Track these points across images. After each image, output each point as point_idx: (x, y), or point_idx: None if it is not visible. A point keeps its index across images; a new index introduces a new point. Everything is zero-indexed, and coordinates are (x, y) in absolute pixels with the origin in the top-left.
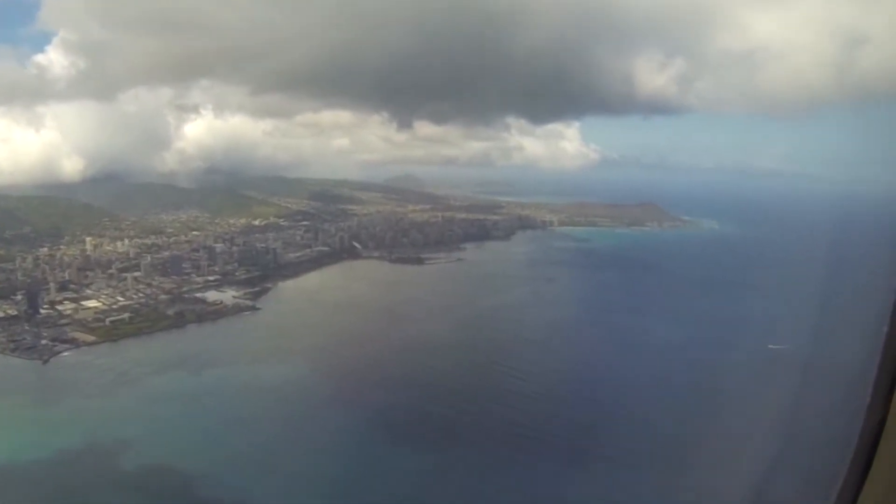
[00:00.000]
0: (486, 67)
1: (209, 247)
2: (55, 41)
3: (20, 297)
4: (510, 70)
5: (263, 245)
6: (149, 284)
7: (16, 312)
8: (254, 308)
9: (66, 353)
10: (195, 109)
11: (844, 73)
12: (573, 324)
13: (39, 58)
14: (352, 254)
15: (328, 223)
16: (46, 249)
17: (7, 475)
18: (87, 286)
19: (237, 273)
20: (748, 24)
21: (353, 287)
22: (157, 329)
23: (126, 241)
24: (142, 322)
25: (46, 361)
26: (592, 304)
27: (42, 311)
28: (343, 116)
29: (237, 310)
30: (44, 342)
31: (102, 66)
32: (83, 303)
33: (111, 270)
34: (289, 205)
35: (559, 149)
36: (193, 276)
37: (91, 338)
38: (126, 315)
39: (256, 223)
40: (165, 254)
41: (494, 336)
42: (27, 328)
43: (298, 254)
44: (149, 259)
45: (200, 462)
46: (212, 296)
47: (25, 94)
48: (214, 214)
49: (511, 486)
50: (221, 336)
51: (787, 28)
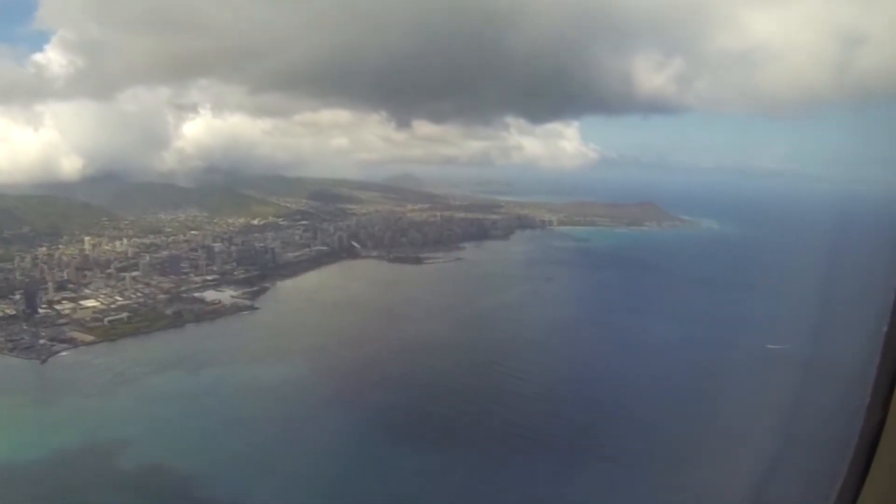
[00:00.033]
0: (486, 67)
1: (208, 246)
2: (54, 40)
3: (18, 297)
4: (509, 69)
5: (262, 244)
6: (147, 284)
7: (14, 312)
8: (252, 308)
9: (65, 353)
10: (194, 108)
11: (844, 73)
12: (572, 323)
13: (38, 57)
14: (350, 253)
15: (327, 222)
16: (45, 249)
17: (5, 475)
18: (86, 286)
19: (236, 272)
20: (747, 24)
21: (352, 286)
22: (156, 329)
23: (125, 241)
24: (140, 322)
25: (45, 361)
26: (591, 304)
27: (40, 311)
28: (342, 116)
29: (235, 309)
30: (42, 342)
31: (101, 66)
32: (81, 302)
33: (110, 270)
34: (288, 204)
35: (558, 148)
36: (192, 276)
37: (89, 337)
38: (124, 315)
39: (255, 222)
40: (164, 253)
41: (493, 336)
42: (25, 328)
43: (297, 253)
44: (147, 258)
45: (199, 462)
46: (210, 295)
47: (24, 94)
48: (213, 214)
49: (510, 486)
50: (220, 336)
51: (787, 27)
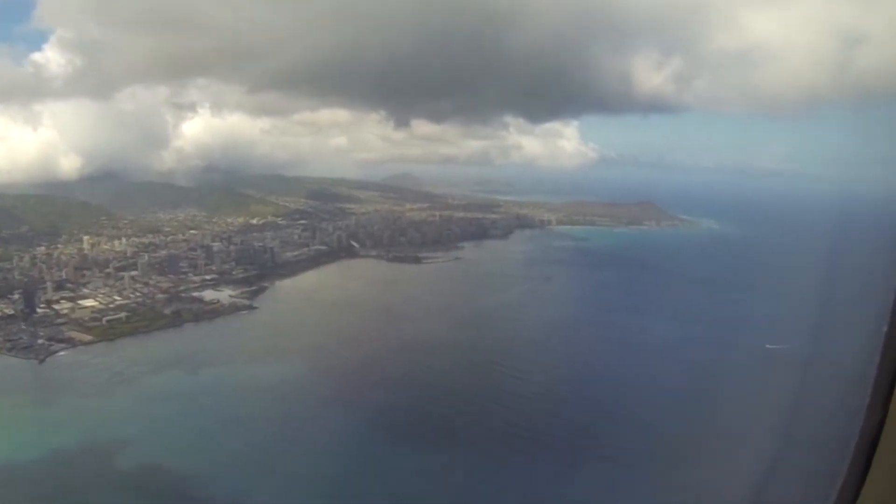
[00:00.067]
0: (485, 66)
1: (206, 246)
2: (52, 39)
3: (17, 296)
4: (508, 69)
5: (261, 244)
6: (146, 283)
7: (13, 312)
8: (251, 307)
9: (63, 353)
10: (192, 108)
11: (843, 72)
12: (571, 323)
13: (36, 56)
14: (349, 253)
15: (326, 222)
16: (44, 248)
17: (3, 475)
18: (85, 285)
19: (234, 272)
20: (747, 23)
21: (351, 286)
22: (154, 328)
23: (123, 240)
24: (138, 321)
25: (43, 361)
26: (590, 304)
27: (39, 311)
28: (341, 115)
29: (234, 309)
30: (40, 341)
31: (100, 65)
32: (80, 302)
33: (108, 269)
34: (286, 203)
35: (557, 148)
36: (190, 276)
37: (88, 337)
38: (123, 314)
39: (254, 222)
40: (163, 253)
41: (492, 335)
42: (24, 327)
43: (296, 253)
44: (146, 258)
45: (197, 461)
46: (209, 295)
47: (23, 93)
48: (212, 213)
49: (509, 486)
50: (218, 335)
51: (786, 27)
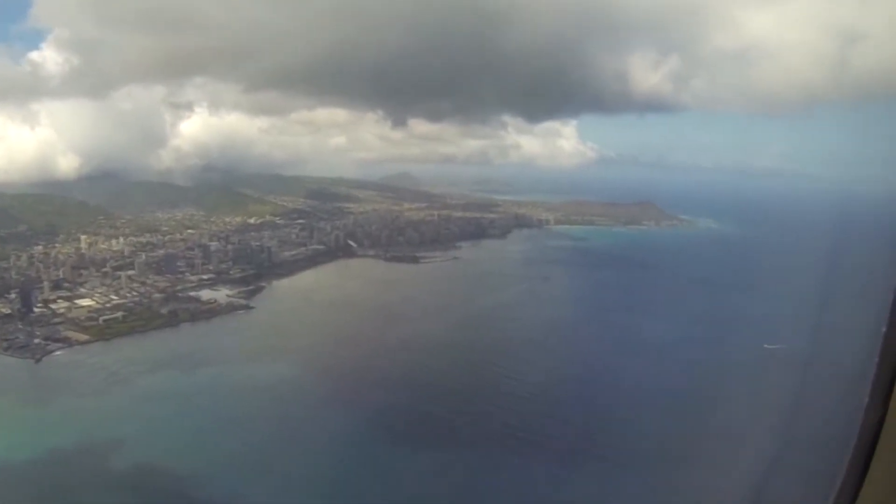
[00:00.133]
0: (483, 65)
1: (204, 245)
2: (49, 39)
3: (14, 296)
4: (507, 68)
5: (258, 243)
6: (143, 283)
7: (9, 311)
8: (248, 307)
9: (59, 352)
10: (190, 107)
11: (842, 71)
12: (569, 323)
13: (34, 55)
14: (347, 252)
15: (324, 221)
16: (41, 247)
17: None
18: (82, 285)
19: (232, 271)
20: (746, 23)
21: (348, 286)
22: (151, 328)
23: (121, 240)
24: (135, 321)
25: (39, 360)
26: (589, 304)
27: (36, 310)
28: (339, 114)
29: (231, 308)
30: (37, 341)
31: (97, 64)
32: (77, 301)
33: (105, 269)
34: (285, 203)
35: (556, 147)
36: (188, 275)
37: (84, 336)
38: (119, 314)
39: (252, 221)
40: (160, 252)
41: (489, 335)
42: (20, 327)
43: (293, 252)
44: (143, 257)
45: (193, 462)
46: (206, 294)
47: (20, 92)
48: (210, 212)
49: (506, 487)
50: (215, 335)
51: (784, 26)
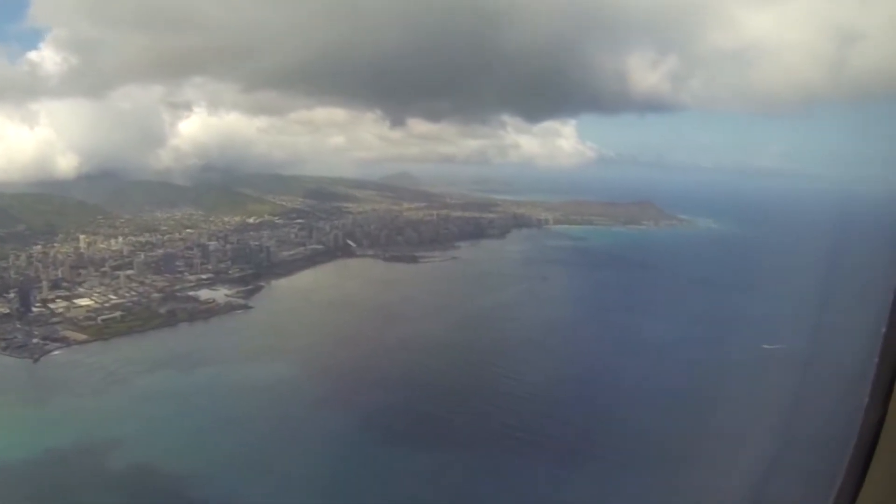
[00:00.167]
0: (482, 65)
1: (203, 245)
2: (48, 38)
3: (13, 295)
4: (506, 68)
5: (257, 243)
6: (141, 283)
7: (8, 310)
8: (246, 306)
9: (57, 352)
10: (189, 106)
11: (841, 71)
12: (568, 323)
13: (32, 55)
14: (346, 252)
15: (323, 221)
16: (40, 247)
17: None
18: (80, 284)
19: (230, 271)
20: (744, 22)
21: (347, 285)
22: (149, 328)
23: (120, 239)
24: (133, 321)
25: (37, 360)
26: (588, 304)
27: (34, 310)
28: (337, 114)
29: (229, 308)
30: (35, 340)
31: (96, 63)
32: (75, 301)
33: (104, 268)
34: (284, 202)
35: (555, 147)
36: (186, 275)
37: (82, 336)
38: (118, 313)
39: (251, 221)
40: (159, 252)
41: (488, 335)
42: (19, 326)
43: (292, 252)
44: (142, 257)
45: (191, 462)
46: (204, 294)
47: (19, 92)
48: (209, 212)
49: (504, 487)
50: (213, 335)
51: (783, 25)
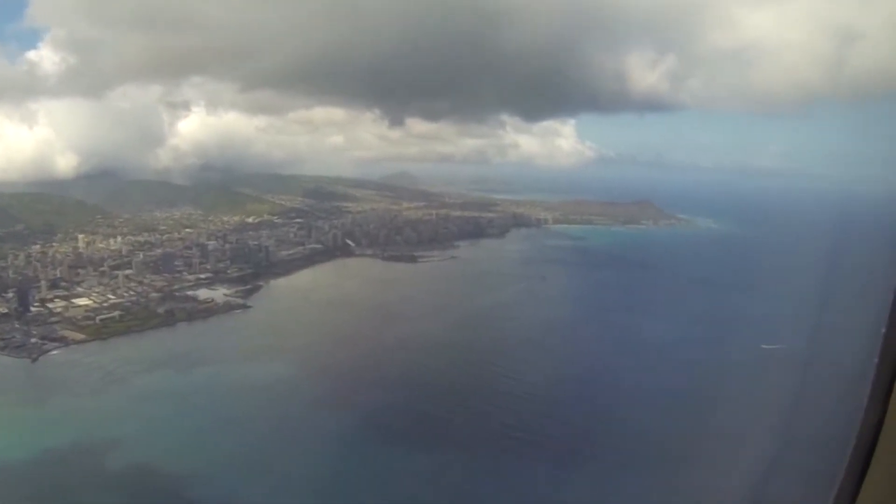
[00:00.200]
0: (481, 64)
1: (202, 244)
2: (47, 38)
3: (11, 295)
4: (505, 67)
5: (256, 243)
6: (140, 282)
7: (6, 310)
8: (245, 306)
9: (56, 352)
10: (188, 106)
11: (840, 71)
12: (567, 323)
13: (31, 54)
14: (345, 251)
15: (322, 220)
16: (39, 247)
17: None
18: (79, 284)
19: (229, 271)
20: (743, 21)
21: (346, 285)
22: (148, 327)
23: (119, 239)
24: (132, 320)
25: (35, 360)
26: (587, 303)
27: (33, 309)
28: (336, 113)
29: (228, 308)
30: (33, 340)
31: (95, 63)
32: (74, 301)
33: (103, 268)
34: (283, 202)
35: (554, 146)
36: (185, 274)
37: (81, 336)
38: (116, 313)
39: (250, 220)
40: (158, 251)
41: (487, 335)
42: (17, 326)
43: (291, 251)
44: (141, 257)
45: (190, 461)
46: (203, 294)
47: (18, 91)
48: (208, 212)
49: (503, 487)
50: (212, 334)
51: (782, 25)
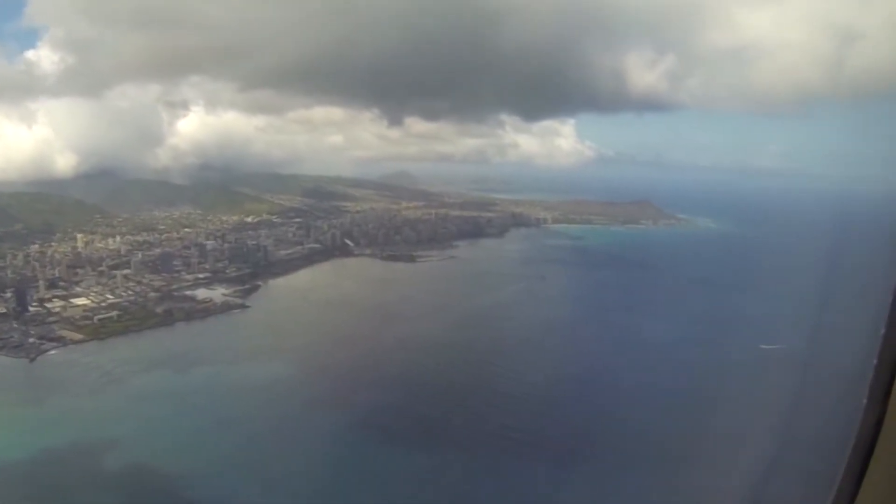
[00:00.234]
0: (480, 64)
1: (200, 244)
2: (45, 37)
3: (9, 295)
4: (504, 67)
5: (255, 242)
6: (138, 282)
7: (4, 310)
8: (243, 306)
9: (53, 352)
10: (187, 105)
11: (839, 70)
12: (566, 323)
13: (30, 54)
14: (344, 251)
15: (321, 220)
16: (37, 246)
17: None
18: (77, 284)
19: (227, 270)
20: (742, 21)
21: (344, 285)
22: (146, 327)
23: (117, 238)
24: (130, 320)
25: (33, 360)
26: (586, 303)
27: (31, 309)
28: (336, 113)
29: (226, 308)
30: (31, 340)
31: (94, 63)
32: (72, 300)
33: (101, 268)
34: (282, 202)
35: (554, 146)
36: (184, 274)
37: (79, 336)
38: (114, 313)
39: (249, 220)
40: (156, 251)
41: (486, 335)
42: (15, 326)
43: (290, 251)
44: (139, 256)
45: (188, 461)
46: (201, 293)
47: (16, 91)
48: (207, 211)
49: (502, 487)
50: (210, 334)
51: (781, 24)
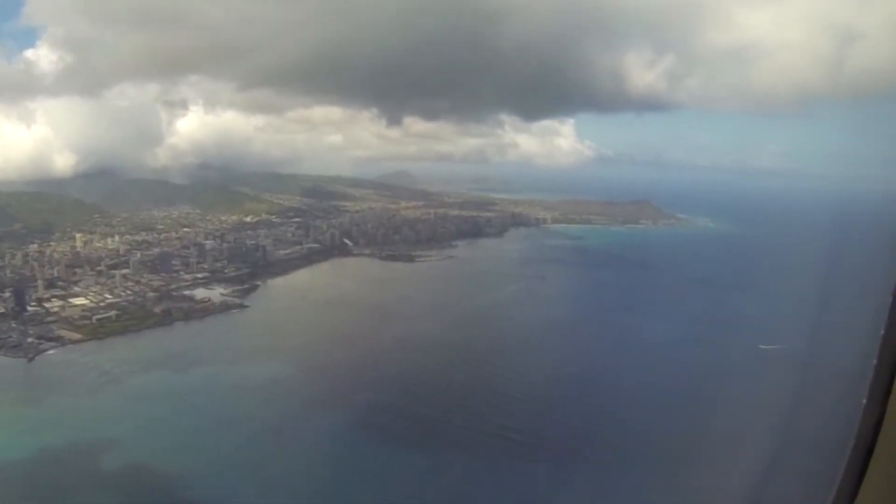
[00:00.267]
0: (480, 64)
1: (199, 243)
2: (44, 37)
3: (8, 294)
4: (504, 66)
5: (253, 242)
6: (137, 282)
7: (3, 310)
8: (242, 306)
9: (52, 351)
10: (186, 105)
11: (838, 70)
12: (566, 322)
13: (29, 53)
14: (343, 251)
15: (320, 220)
16: (36, 246)
17: None
18: (76, 283)
19: (226, 270)
20: (742, 21)
21: (343, 285)
22: (144, 327)
23: (116, 238)
24: (128, 320)
25: (32, 359)
26: (586, 303)
27: (29, 309)
28: (335, 112)
29: (225, 307)
30: (29, 340)
31: (92, 62)
32: (71, 300)
33: (100, 267)
34: (281, 201)
35: (553, 146)
36: (182, 274)
37: (77, 336)
38: (113, 313)
39: (248, 219)
40: (155, 251)
41: (486, 335)
42: (13, 325)
43: (288, 251)
44: (138, 256)
45: (187, 461)
46: (200, 293)
47: (15, 90)
48: (206, 211)
49: (501, 487)
50: (209, 334)
51: (781, 24)
